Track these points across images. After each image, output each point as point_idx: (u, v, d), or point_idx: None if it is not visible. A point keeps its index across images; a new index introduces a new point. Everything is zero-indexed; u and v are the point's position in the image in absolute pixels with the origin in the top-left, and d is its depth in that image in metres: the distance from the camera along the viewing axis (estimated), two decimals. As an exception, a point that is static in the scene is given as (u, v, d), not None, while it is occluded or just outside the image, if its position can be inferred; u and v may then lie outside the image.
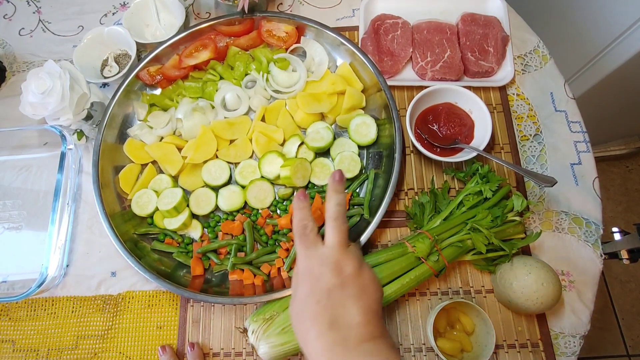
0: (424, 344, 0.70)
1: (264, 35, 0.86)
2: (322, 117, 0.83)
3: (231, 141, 0.82)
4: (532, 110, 0.84)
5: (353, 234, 0.74)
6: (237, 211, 0.77)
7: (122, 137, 0.83)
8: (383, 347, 0.45)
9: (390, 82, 0.83)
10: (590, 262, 0.73)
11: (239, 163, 0.79)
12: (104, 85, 0.91)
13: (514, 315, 0.70)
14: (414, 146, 0.79)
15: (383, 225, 0.76)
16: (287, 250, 0.72)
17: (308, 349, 0.45)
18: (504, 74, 0.84)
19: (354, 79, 0.82)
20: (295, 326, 0.48)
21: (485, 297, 0.72)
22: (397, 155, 0.73)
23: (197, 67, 0.86)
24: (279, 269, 0.72)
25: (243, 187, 0.77)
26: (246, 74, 0.85)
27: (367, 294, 0.48)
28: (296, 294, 0.49)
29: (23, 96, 0.77)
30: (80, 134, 0.82)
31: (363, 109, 0.82)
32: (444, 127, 0.77)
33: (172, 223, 0.75)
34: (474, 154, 0.73)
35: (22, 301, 0.76)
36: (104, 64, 0.90)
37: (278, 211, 0.76)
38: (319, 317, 0.45)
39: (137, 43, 0.86)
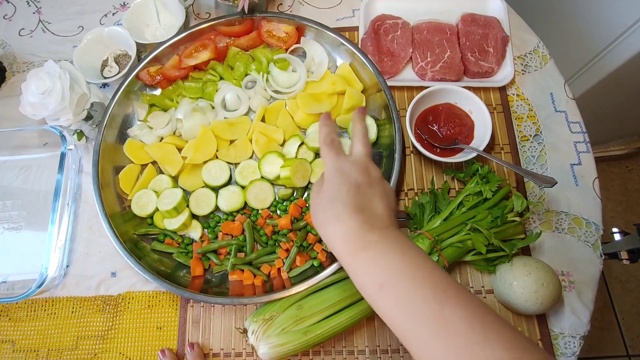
0: (424, 345, 0.70)
1: (264, 36, 0.86)
2: (322, 117, 0.83)
3: (231, 141, 0.82)
4: (532, 110, 0.84)
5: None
6: (237, 211, 0.77)
7: (122, 137, 0.83)
8: (406, 237, 0.48)
9: (390, 83, 0.83)
10: (590, 263, 0.73)
11: (239, 163, 0.79)
12: (104, 85, 0.91)
13: (514, 315, 0.70)
14: (414, 146, 0.79)
15: (383, 225, 0.76)
16: (287, 250, 0.72)
17: (332, 231, 0.48)
18: (504, 74, 0.84)
19: (354, 79, 0.82)
20: (318, 213, 0.50)
21: (485, 297, 0.72)
22: (397, 156, 0.73)
23: (197, 68, 0.86)
24: (279, 269, 0.72)
25: (243, 187, 0.77)
26: (246, 75, 0.85)
27: (389, 196, 0.52)
28: (323, 187, 0.50)
29: (23, 96, 0.77)
30: (80, 134, 0.82)
31: (363, 109, 0.82)
32: (444, 128, 0.77)
33: (172, 223, 0.75)
34: (474, 154, 0.73)
35: (22, 301, 0.76)
36: (104, 64, 0.90)
37: (278, 211, 0.76)
38: (348, 203, 0.47)
39: (137, 43, 0.86)
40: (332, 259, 0.70)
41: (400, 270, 0.43)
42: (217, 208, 0.77)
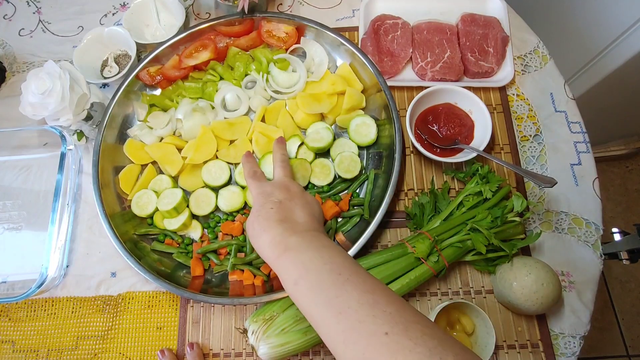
0: (424, 345, 0.70)
1: (264, 36, 0.86)
2: (322, 117, 0.83)
3: (231, 141, 0.82)
4: (532, 110, 0.84)
5: (353, 234, 0.74)
6: (237, 211, 0.77)
7: (122, 137, 0.83)
8: (325, 237, 0.54)
9: (390, 83, 0.83)
10: (590, 263, 0.73)
11: (239, 163, 0.79)
12: (104, 85, 0.91)
13: (514, 315, 0.70)
14: (414, 146, 0.79)
15: (383, 225, 0.76)
16: (287, 250, 0.72)
17: (261, 242, 0.54)
18: (504, 74, 0.84)
19: (354, 80, 0.82)
20: (250, 230, 0.56)
21: (485, 297, 0.72)
22: (397, 156, 0.73)
23: (197, 68, 0.86)
24: (279, 269, 0.72)
25: (243, 187, 0.77)
26: (246, 75, 0.85)
27: (310, 205, 0.60)
28: (252, 210, 0.58)
29: (23, 96, 0.77)
30: (80, 134, 0.82)
31: (363, 109, 0.82)
32: (443, 128, 0.77)
33: (172, 223, 0.75)
34: (474, 154, 0.73)
35: (22, 302, 0.76)
36: (104, 64, 0.90)
37: (278, 211, 0.76)
38: (271, 217, 0.55)
39: (137, 43, 0.86)
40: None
41: (314, 264, 0.48)
42: (217, 208, 0.77)
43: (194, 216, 0.77)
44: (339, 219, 0.76)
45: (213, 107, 0.83)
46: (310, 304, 0.46)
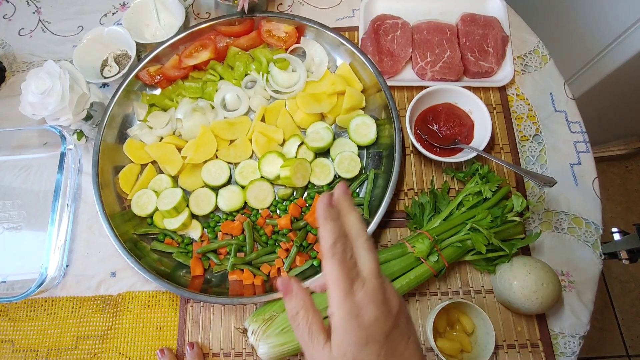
0: (424, 345, 0.70)
1: (263, 36, 0.86)
2: (322, 117, 0.83)
3: (231, 141, 0.82)
4: (531, 110, 0.84)
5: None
6: (237, 211, 0.77)
7: (122, 137, 0.83)
8: None
9: (390, 83, 0.83)
10: (590, 263, 0.73)
11: (238, 163, 0.79)
12: (104, 85, 0.91)
13: (513, 315, 0.70)
14: (413, 146, 0.79)
15: (383, 225, 0.76)
16: (287, 250, 0.72)
17: None
18: (504, 74, 0.84)
19: (354, 79, 0.82)
20: None
21: (485, 297, 0.72)
22: (396, 156, 0.73)
23: (197, 67, 0.86)
24: (278, 269, 0.72)
25: (243, 187, 0.77)
26: (246, 74, 0.85)
27: (411, 323, 0.40)
28: (333, 346, 0.36)
29: (23, 96, 0.77)
30: (80, 134, 0.82)
31: (363, 109, 0.82)
32: (443, 128, 0.77)
33: (172, 223, 0.75)
34: (474, 154, 0.73)
35: (21, 301, 0.76)
36: (104, 64, 0.90)
37: (278, 211, 0.76)
38: None
39: (137, 43, 0.86)
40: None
41: None
42: (217, 208, 0.77)
43: (193, 216, 0.77)
44: (339, 219, 0.76)
45: (213, 107, 0.83)
46: None
